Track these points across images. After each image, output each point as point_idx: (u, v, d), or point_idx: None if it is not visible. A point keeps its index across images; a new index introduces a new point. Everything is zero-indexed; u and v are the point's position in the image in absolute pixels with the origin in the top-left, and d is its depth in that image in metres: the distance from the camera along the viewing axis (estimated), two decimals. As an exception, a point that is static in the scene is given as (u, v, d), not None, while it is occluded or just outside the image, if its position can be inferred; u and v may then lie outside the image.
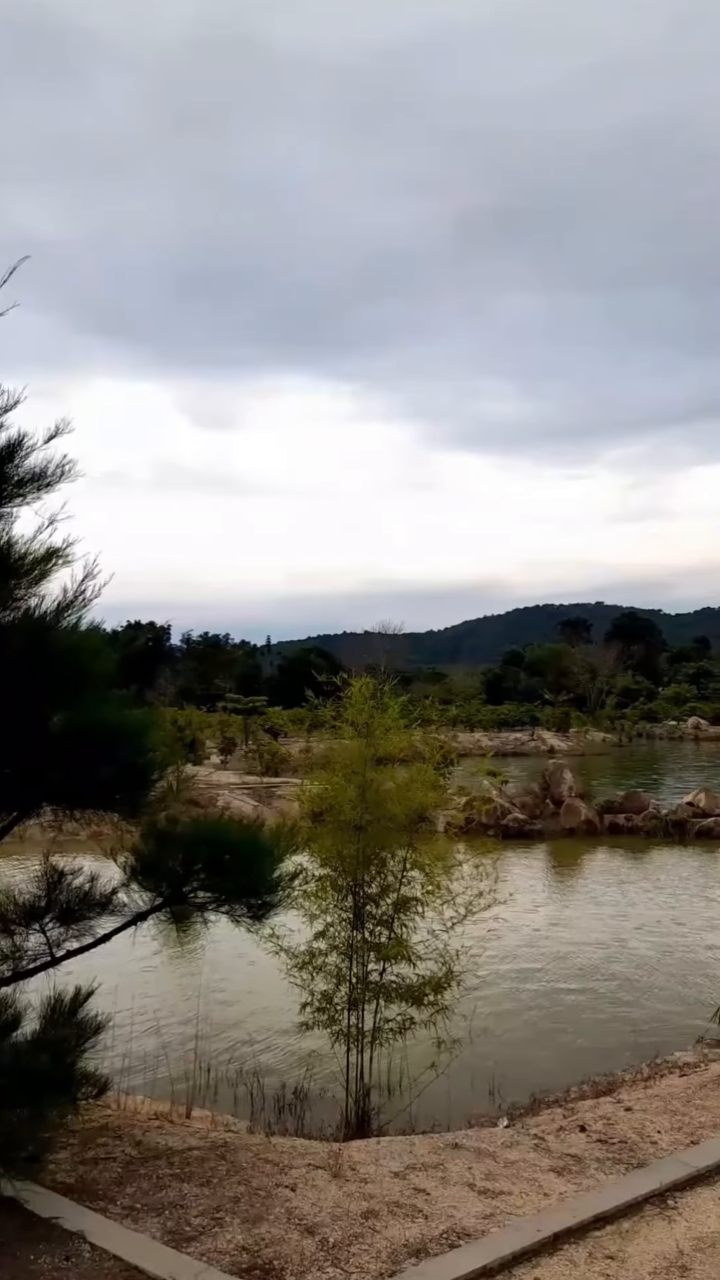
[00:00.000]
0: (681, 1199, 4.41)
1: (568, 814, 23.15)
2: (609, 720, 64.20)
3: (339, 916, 7.14)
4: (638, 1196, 4.36)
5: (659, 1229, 4.13)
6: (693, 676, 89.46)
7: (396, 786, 7.35)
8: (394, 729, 7.49)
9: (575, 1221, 4.11)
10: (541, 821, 22.98)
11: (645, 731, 63.19)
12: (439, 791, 7.98)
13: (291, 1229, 3.94)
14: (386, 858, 7.29)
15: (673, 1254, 3.91)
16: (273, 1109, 7.20)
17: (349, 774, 7.30)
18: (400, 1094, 7.18)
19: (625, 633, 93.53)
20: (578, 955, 12.11)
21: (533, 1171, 4.74)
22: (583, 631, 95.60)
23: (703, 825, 22.32)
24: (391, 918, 7.18)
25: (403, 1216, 4.14)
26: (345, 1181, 4.47)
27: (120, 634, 28.22)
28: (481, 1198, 4.39)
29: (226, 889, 4.77)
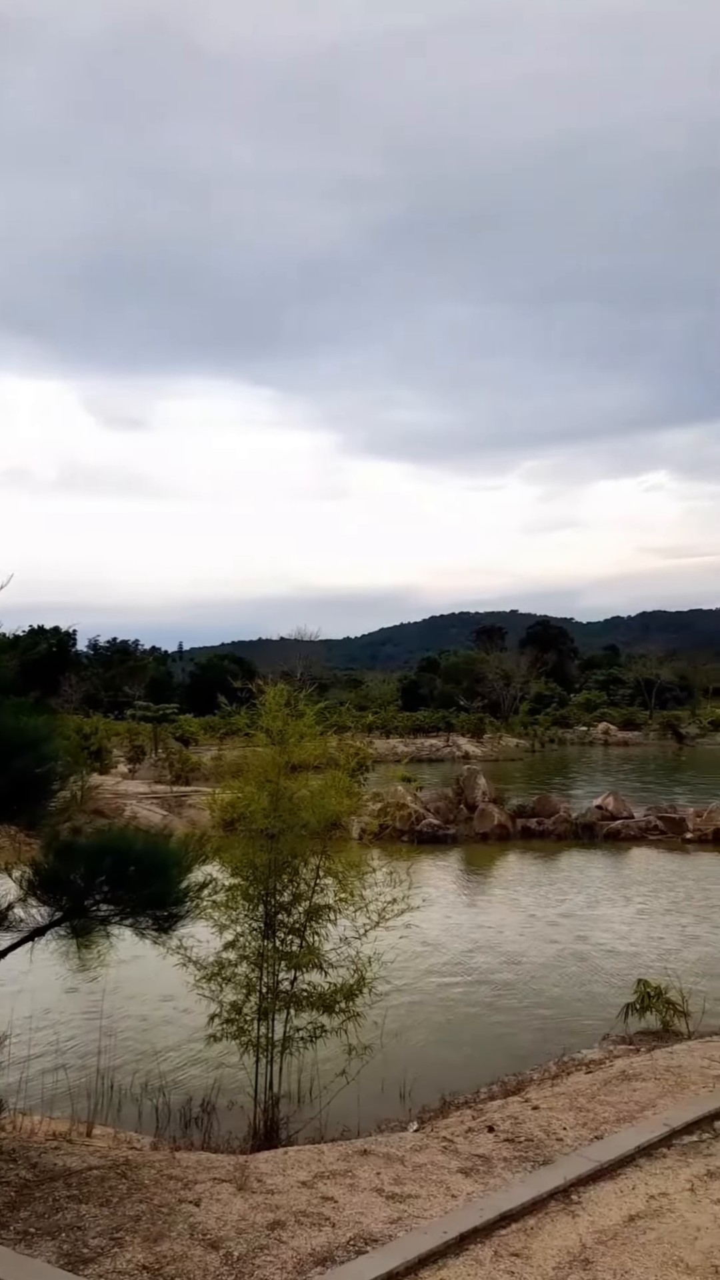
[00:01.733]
0: (585, 1193, 4.48)
1: (481, 819, 23.42)
2: (522, 726, 65.19)
3: (250, 926, 7.06)
4: (543, 1193, 4.41)
5: (563, 1224, 4.19)
6: (603, 683, 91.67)
7: (310, 794, 7.31)
8: (309, 736, 7.46)
9: (482, 1221, 4.13)
10: (456, 826, 23.19)
11: (557, 737, 64.34)
12: (353, 798, 7.98)
13: (195, 1245, 3.87)
14: (299, 865, 7.24)
15: (575, 1248, 3.96)
16: (179, 1123, 7.07)
17: (262, 782, 7.24)
18: (311, 1102, 7.14)
19: (538, 640, 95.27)
20: (490, 958, 12.24)
21: (441, 1174, 4.76)
22: (497, 639, 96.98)
23: (611, 828, 22.85)
24: (303, 926, 7.14)
25: (310, 1226, 4.10)
26: (251, 1194, 4.41)
27: (21, 638, 27.38)
28: (390, 1203, 4.39)
29: (131, 901, 4.67)
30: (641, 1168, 4.77)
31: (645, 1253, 3.91)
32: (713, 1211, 4.27)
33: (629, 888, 17.13)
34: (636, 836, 22.65)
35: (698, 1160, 4.84)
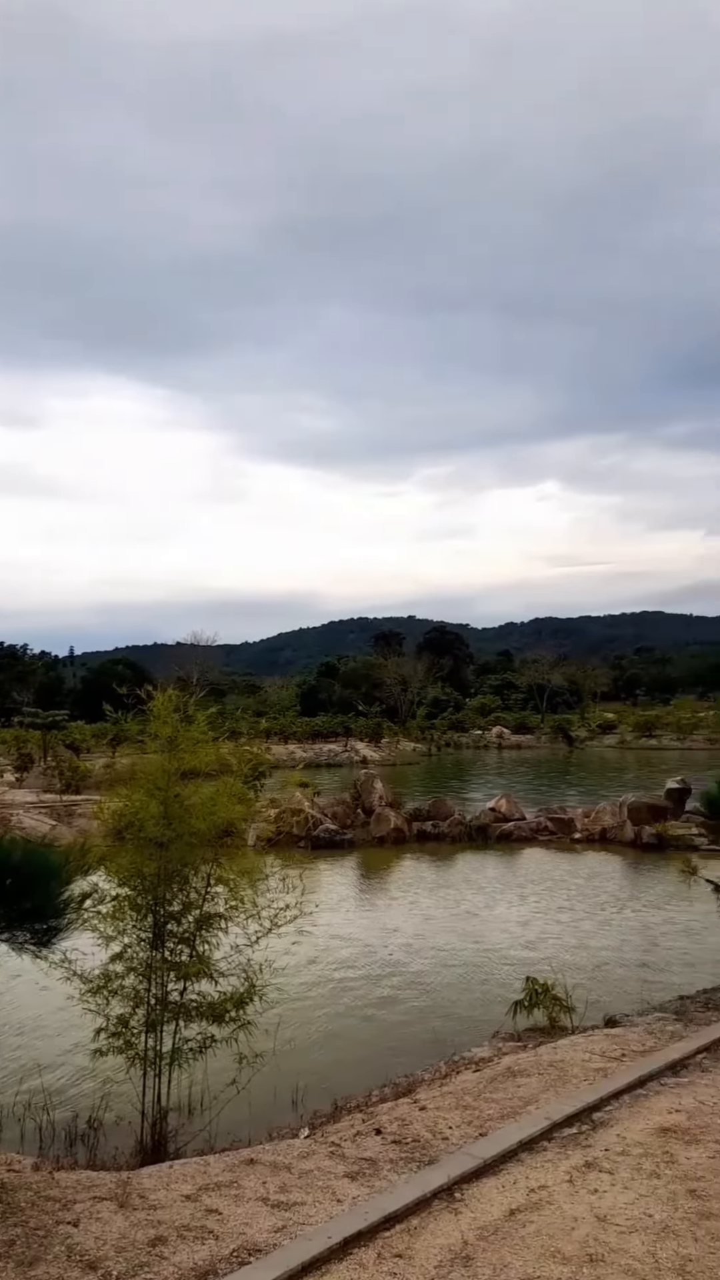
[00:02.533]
0: (468, 1190, 4.55)
1: (378, 823, 23.57)
2: (419, 730, 65.99)
3: (138, 937, 6.93)
4: (427, 1193, 4.46)
5: (445, 1222, 4.24)
6: (497, 688, 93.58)
7: (201, 801, 7.22)
8: (203, 742, 7.37)
9: (366, 1224, 4.15)
10: (353, 831, 23.28)
11: (453, 741, 65.35)
12: (247, 804, 7.92)
13: (72, 1267, 3.77)
14: (189, 874, 7.15)
15: (457, 1245, 4.02)
16: (63, 1142, 6.88)
17: (152, 789, 7.11)
18: (201, 1113, 7.06)
19: (435, 645, 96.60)
20: (385, 960, 12.32)
21: (327, 1179, 4.76)
22: (395, 644, 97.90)
23: (504, 829, 23.32)
24: (193, 935, 7.04)
25: (192, 1239, 4.05)
26: (133, 1210, 4.32)
27: None
28: (275, 1211, 4.36)
29: (7, 915, 4.53)
30: (523, 1162, 4.87)
31: (524, 1245, 3.99)
32: (589, 1202, 4.40)
33: (521, 887, 17.50)
34: (528, 837, 23.17)
35: (576, 1152, 4.97)
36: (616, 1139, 5.14)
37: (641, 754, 56.01)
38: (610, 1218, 4.24)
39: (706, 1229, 4.13)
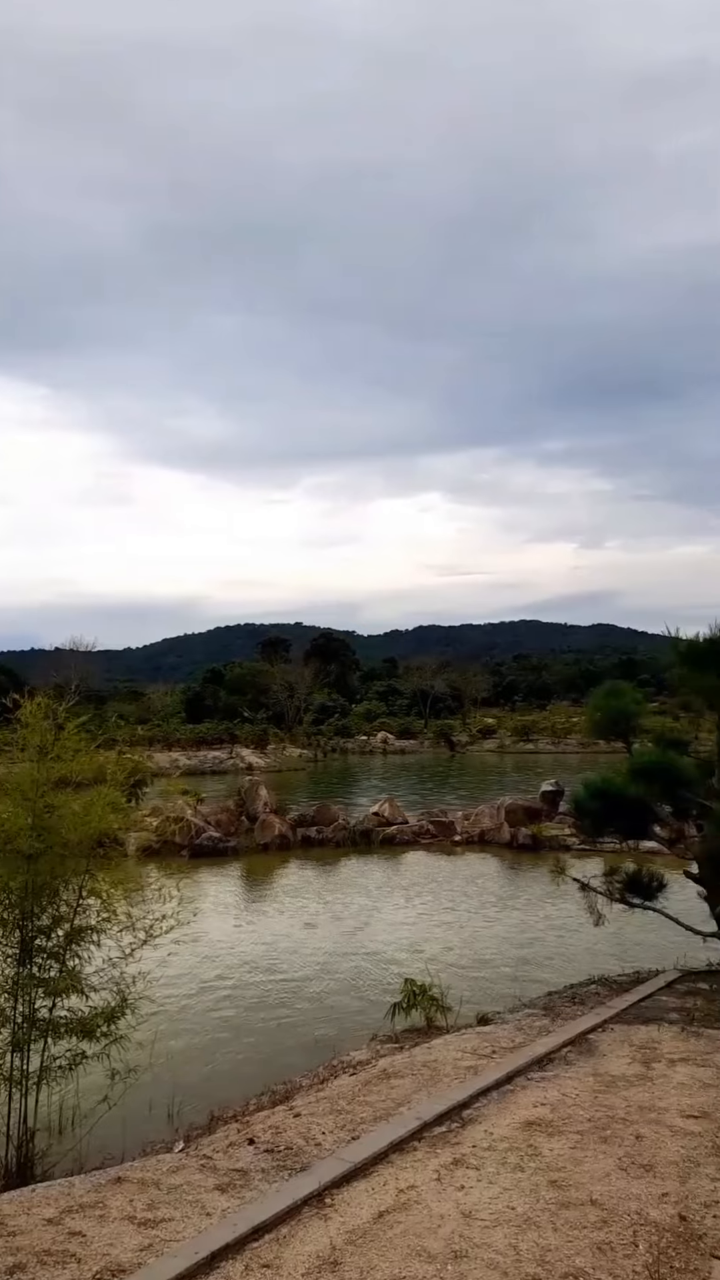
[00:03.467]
0: (338, 1195, 4.58)
1: (263, 829, 23.45)
2: (306, 736, 66.00)
3: (3, 954, 6.70)
4: (297, 1200, 4.47)
5: (315, 1229, 4.25)
6: (382, 694, 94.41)
7: (75, 811, 7.04)
8: (81, 750, 7.20)
9: (234, 1237, 4.13)
10: (237, 838, 23.09)
11: (339, 746, 65.60)
12: (123, 813, 7.75)
13: None
14: (60, 886, 6.96)
15: (326, 1251, 4.04)
16: None
17: (21, 799, 6.90)
18: (72, 1132, 6.87)
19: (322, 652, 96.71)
20: (267, 967, 12.27)
21: (197, 1193, 4.71)
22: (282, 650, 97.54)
23: (387, 833, 23.55)
24: (63, 950, 6.86)
25: (53, 1265, 3.94)
26: (-9, 1238, 4.17)
27: None
28: (141, 1229, 4.29)
29: None
30: (393, 1163, 4.93)
31: (391, 1247, 4.04)
32: (455, 1199, 4.49)
33: (403, 890, 17.71)
34: (410, 840, 23.47)
35: (445, 1150, 5.07)
36: (484, 1135, 5.26)
37: (519, 758, 57.55)
38: (475, 1213, 4.33)
39: (565, 1218, 4.28)
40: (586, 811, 9.32)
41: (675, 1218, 4.34)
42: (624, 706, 9.35)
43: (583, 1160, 4.91)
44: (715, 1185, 4.69)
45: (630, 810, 9.18)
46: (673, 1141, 5.17)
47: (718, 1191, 4.63)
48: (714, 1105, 5.73)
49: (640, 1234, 4.16)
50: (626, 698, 9.38)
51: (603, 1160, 4.91)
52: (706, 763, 9.38)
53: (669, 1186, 4.63)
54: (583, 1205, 4.41)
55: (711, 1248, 4.12)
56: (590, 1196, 4.50)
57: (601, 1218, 4.30)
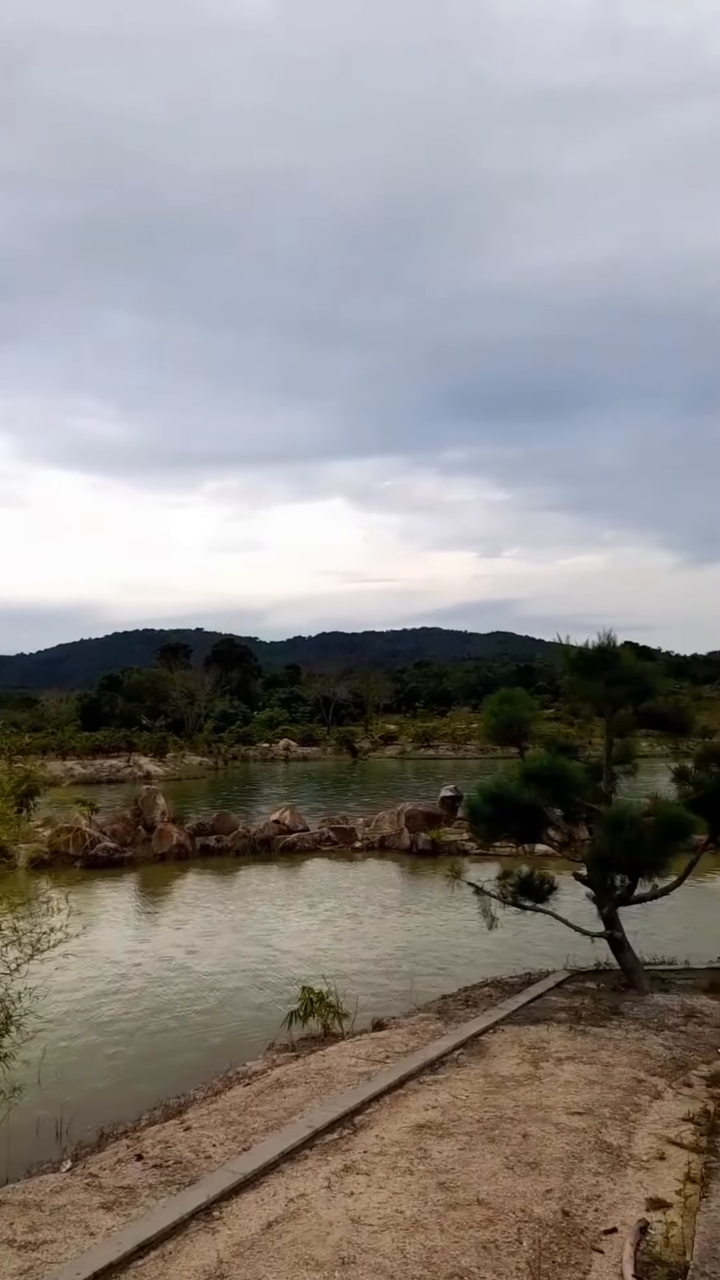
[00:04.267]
0: (226, 1208, 4.53)
1: (160, 839, 23.06)
2: (206, 744, 65.22)
3: None
4: (184, 1215, 4.40)
5: (202, 1243, 4.20)
6: (285, 700, 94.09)
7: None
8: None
9: (119, 1255, 4.04)
10: (134, 849, 22.64)
11: (240, 754, 65.02)
12: (12, 825, 7.52)
13: None
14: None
15: (213, 1265, 3.99)
16: None
17: None
18: (-47, 1158, 6.60)
19: (223, 658, 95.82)
20: (163, 978, 12.06)
21: (81, 1213, 4.60)
22: (182, 656, 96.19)
23: (287, 841, 23.47)
24: (-58, 967, 6.61)
25: None
26: None
27: None
28: (21, 1253, 4.16)
29: None
30: (284, 1173, 4.91)
31: (279, 1257, 4.02)
32: (345, 1205, 4.50)
33: (303, 898, 17.66)
34: (311, 848, 23.43)
35: (336, 1157, 5.08)
36: (375, 1140, 5.29)
37: (420, 763, 58.11)
38: (364, 1219, 4.35)
39: (452, 1219, 4.33)
40: (481, 816, 9.47)
41: (559, 1213, 4.44)
42: (517, 713, 9.55)
43: (471, 1161, 4.98)
44: (598, 1180, 4.82)
45: (523, 814, 9.36)
46: (558, 1138, 5.29)
47: (600, 1185, 4.76)
48: (598, 1101, 5.89)
49: (524, 1231, 4.24)
50: (519, 704, 9.58)
51: (490, 1160, 5.00)
52: (596, 767, 9.65)
53: (553, 1183, 4.74)
54: (470, 1205, 4.48)
55: (592, 1240, 4.24)
56: (477, 1196, 4.57)
57: (488, 1217, 4.37)
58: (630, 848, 8.35)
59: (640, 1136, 5.41)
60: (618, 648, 9.20)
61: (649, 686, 9.05)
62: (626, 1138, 5.38)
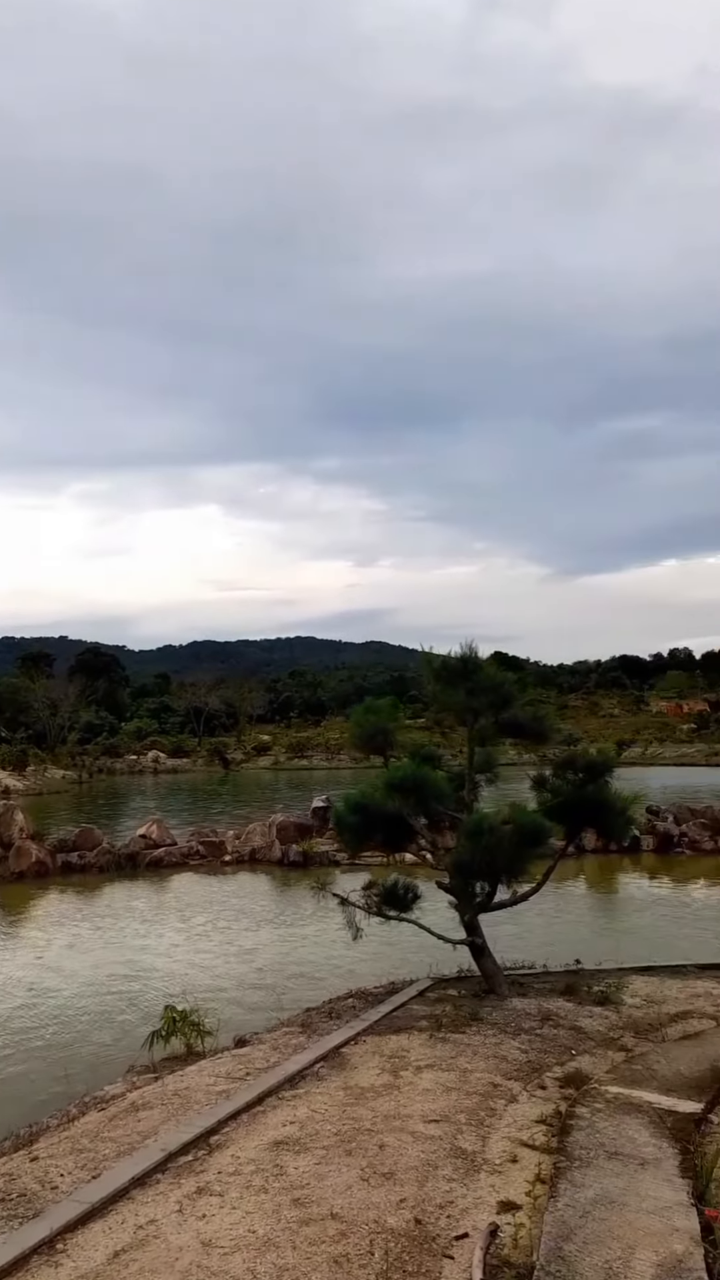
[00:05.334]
0: (71, 1239, 4.35)
1: (18, 857, 22.17)
2: (70, 757, 63.20)
3: None
4: (25, 1250, 4.21)
5: (44, 1278, 4.02)
6: (154, 711, 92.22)
7: None
8: None
9: (-49, 1300, 3.82)
10: (-12, 867, 21.71)
11: (107, 767, 63.26)
12: None
13: None
14: None
15: (54, 1302, 3.82)
16: None
17: None
18: None
19: (89, 667, 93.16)
20: (18, 1002, 11.56)
21: None
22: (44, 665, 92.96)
23: (154, 856, 22.96)
24: None
25: None
26: None
27: None
28: None
29: None
30: (134, 1199, 4.76)
31: (125, 1287, 3.89)
32: (196, 1228, 4.39)
33: (172, 914, 17.31)
34: (179, 863, 23.01)
35: (189, 1179, 4.96)
36: (230, 1160, 5.19)
37: (294, 774, 58.05)
38: (215, 1241, 4.26)
39: (305, 1235, 4.29)
40: (346, 826, 9.49)
41: (411, 1221, 4.46)
42: (381, 722, 9.64)
43: (326, 1175, 4.95)
44: (451, 1186, 4.87)
45: (388, 823, 9.43)
46: (414, 1147, 5.32)
47: (453, 1192, 4.81)
48: (455, 1108, 5.96)
49: (377, 1242, 4.24)
50: (384, 714, 9.67)
51: (346, 1173, 4.98)
52: (459, 775, 9.82)
53: (407, 1192, 4.77)
54: (323, 1220, 4.44)
55: (444, 1247, 4.27)
56: (331, 1210, 4.54)
57: (341, 1230, 4.35)
58: (490, 855, 8.53)
59: (494, 1141, 5.50)
60: (479, 658, 9.40)
61: (508, 696, 9.28)
62: (481, 1143, 5.46)
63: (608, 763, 9.18)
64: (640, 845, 24.33)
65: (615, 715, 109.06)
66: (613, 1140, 5.30)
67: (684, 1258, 4.01)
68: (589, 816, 9.27)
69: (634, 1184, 4.74)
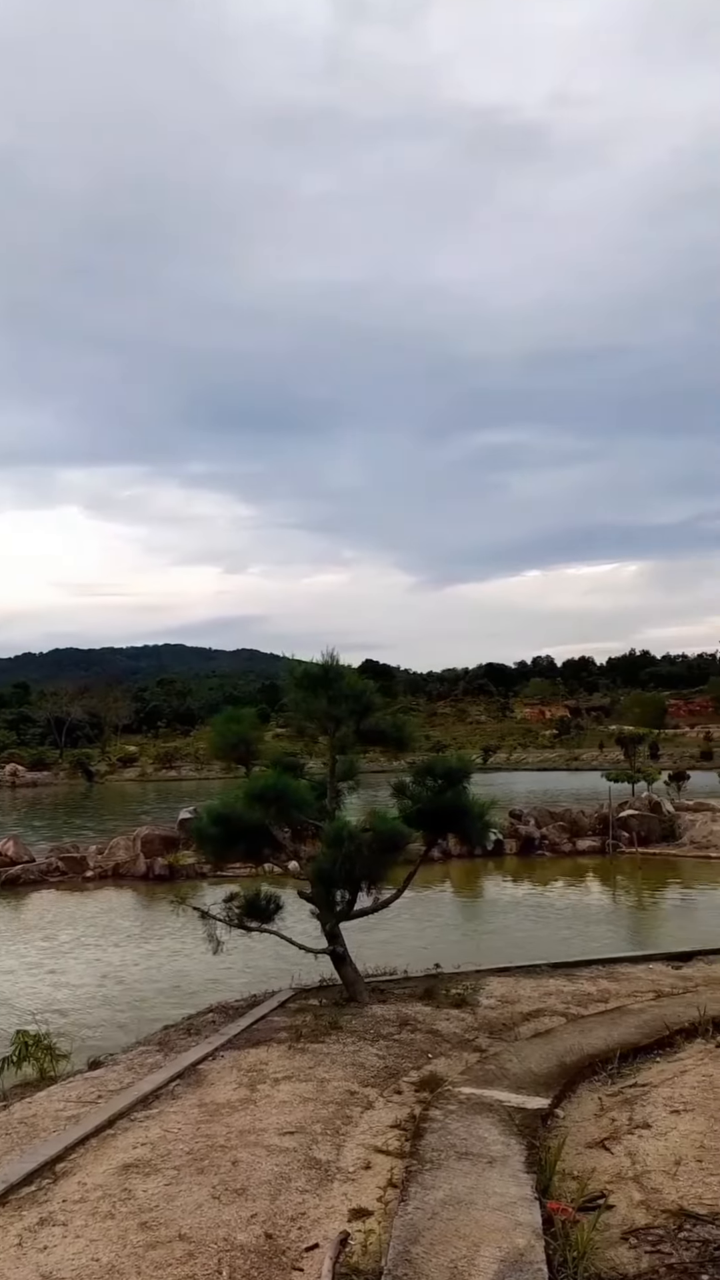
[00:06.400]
0: None
1: None
2: None
3: None
4: None
5: None
6: (11, 722, 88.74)
7: None
8: None
9: None
10: None
11: (-39, 781, 60.65)
12: None
13: None
14: None
15: None
16: None
17: None
18: None
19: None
20: None
21: None
22: None
23: (9, 874, 22.08)
24: None
25: None
26: None
27: None
28: None
29: None
30: (-29, 1237, 4.54)
31: (-45, 1331, 3.70)
32: (36, 1261, 4.22)
33: (28, 933, 16.66)
34: (37, 880, 22.20)
35: (32, 1210, 4.76)
36: (77, 1187, 5.02)
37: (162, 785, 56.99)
38: (55, 1273, 4.10)
39: (151, 1259, 4.19)
40: (207, 838, 9.36)
41: (262, 1236, 4.42)
42: (243, 731, 9.56)
43: (176, 1196, 4.85)
44: (304, 1198, 4.86)
45: (251, 834, 9.35)
46: (268, 1161, 5.28)
47: (305, 1203, 4.79)
48: (311, 1118, 5.95)
49: (225, 1260, 4.18)
50: (245, 723, 9.60)
51: (197, 1192, 4.89)
52: (321, 784, 9.84)
53: (259, 1207, 4.72)
54: (171, 1242, 4.35)
55: (293, 1260, 4.25)
56: (180, 1232, 4.45)
57: (189, 1251, 4.27)
58: (350, 862, 8.57)
59: (349, 1149, 5.51)
60: (341, 666, 9.46)
61: (369, 704, 9.37)
62: (336, 1151, 5.46)
63: (465, 769, 9.38)
64: (504, 849, 25.01)
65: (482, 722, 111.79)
66: (463, 1141, 5.40)
67: (525, 1251, 4.11)
68: (448, 822, 9.45)
69: (481, 1182, 4.84)
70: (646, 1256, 4.24)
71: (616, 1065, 6.84)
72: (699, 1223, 4.47)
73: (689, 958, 11.06)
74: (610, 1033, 7.56)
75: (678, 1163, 5.09)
